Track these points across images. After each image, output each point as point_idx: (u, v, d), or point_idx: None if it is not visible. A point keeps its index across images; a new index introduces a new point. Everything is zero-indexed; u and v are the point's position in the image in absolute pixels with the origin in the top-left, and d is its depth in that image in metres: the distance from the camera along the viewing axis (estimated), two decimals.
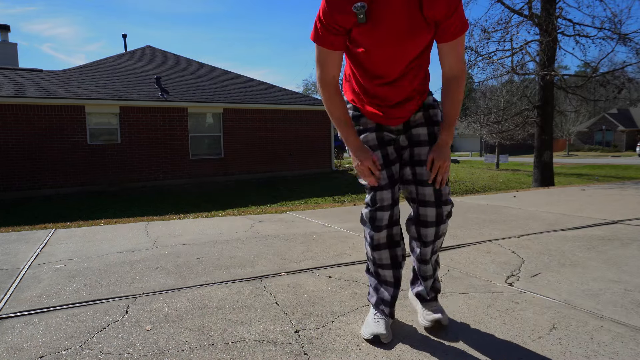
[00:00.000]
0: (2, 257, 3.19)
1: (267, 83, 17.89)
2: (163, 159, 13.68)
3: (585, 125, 46.45)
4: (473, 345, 1.75)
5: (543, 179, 12.11)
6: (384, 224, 1.80)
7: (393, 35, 1.59)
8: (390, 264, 1.86)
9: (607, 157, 35.97)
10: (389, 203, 1.77)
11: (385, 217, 1.79)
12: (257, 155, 15.35)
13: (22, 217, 9.13)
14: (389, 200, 1.77)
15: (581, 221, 4.26)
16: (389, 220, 1.81)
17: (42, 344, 1.81)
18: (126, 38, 20.61)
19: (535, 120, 12.35)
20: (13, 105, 11.52)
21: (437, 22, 1.61)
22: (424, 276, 1.91)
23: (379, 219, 1.78)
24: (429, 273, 1.91)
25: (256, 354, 1.71)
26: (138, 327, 1.96)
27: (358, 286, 2.46)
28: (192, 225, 4.46)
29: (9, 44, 16.66)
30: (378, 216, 1.78)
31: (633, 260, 2.89)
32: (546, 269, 2.74)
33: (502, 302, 2.19)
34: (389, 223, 1.83)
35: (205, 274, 2.74)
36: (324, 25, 1.61)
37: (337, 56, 1.69)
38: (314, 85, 54.05)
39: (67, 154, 12.25)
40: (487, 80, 13.52)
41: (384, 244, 1.84)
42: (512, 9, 11.70)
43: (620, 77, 11.69)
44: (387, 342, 1.77)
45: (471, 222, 4.30)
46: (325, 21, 1.60)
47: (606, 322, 1.95)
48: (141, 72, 15.23)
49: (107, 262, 3.03)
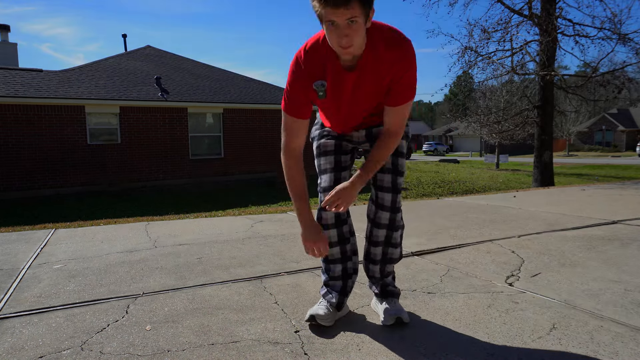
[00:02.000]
0: (2, 257, 3.19)
1: (267, 83, 17.89)
2: (163, 159, 13.68)
3: (585, 125, 46.44)
4: (473, 345, 1.75)
5: (543, 179, 12.11)
6: (329, 223, 1.97)
7: (351, 104, 1.78)
8: (340, 258, 2.00)
9: (607, 157, 35.97)
10: (332, 222, 1.95)
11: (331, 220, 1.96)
12: (257, 155, 15.35)
13: (22, 217, 9.13)
14: (332, 219, 1.94)
15: (581, 221, 4.26)
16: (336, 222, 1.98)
17: (42, 344, 1.81)
18: (126, 38, 20.61)
19: (535, 120, 12.35)
20: (13, 105, 11.52)
21: (389, 89, 1.71)
22: (373, 276, 2.04)
23: (324, 225, 1.95)
24: (377, 275, 2.03)
25: (256, 354, 1.71)
26: (138, 327, 1.96)
27: (358, 286, 2.46)
28: (192, 225, 4.46)
29: (9, 44, 16.65)
30: (323, 223, 1.95)
31: (633, 260, 2.89)
32: (546, 269, 2.74)
33: (502, 302, 2.19)
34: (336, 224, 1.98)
35: (205, 274, 2.74)
36: (291, 98, 1.75)
37: (303, 125, 1.80)
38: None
39: (67, 154, 12.25)
40: (487, 80, 13.52)
41: (334, 242, 1.98)
42: (512, 9, 11.70)
43: (620, 77, 11.68)
44: (324, 324, 1.90)
45: (471, 222, 4.30)
46: (292, 95, 1.74)
47: (606, 322, 1.95)
48: (141, 72, 15.22)
49: (107, 262, 3.03)
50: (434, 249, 3.26)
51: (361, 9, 1.45)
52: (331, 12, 1.44)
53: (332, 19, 1.46)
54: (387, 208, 1.89)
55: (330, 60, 1.66)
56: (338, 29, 1.48)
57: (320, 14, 1.49)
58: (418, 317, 2.03)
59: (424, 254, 3.15)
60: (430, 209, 5.24)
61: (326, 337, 1.84)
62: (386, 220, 1.90)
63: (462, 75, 20.90)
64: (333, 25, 1.48)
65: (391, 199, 1.88)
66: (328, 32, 1.51)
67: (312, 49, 1.67)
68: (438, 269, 2.77)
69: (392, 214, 1.89)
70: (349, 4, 1.42)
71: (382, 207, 1.89)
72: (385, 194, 1.88)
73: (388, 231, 1.93)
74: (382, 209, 1.89)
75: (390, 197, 1.88)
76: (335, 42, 1.51)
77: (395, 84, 1.68)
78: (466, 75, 19.44)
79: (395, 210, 1.89)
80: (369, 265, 2.02)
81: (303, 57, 1.68)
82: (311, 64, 1.68)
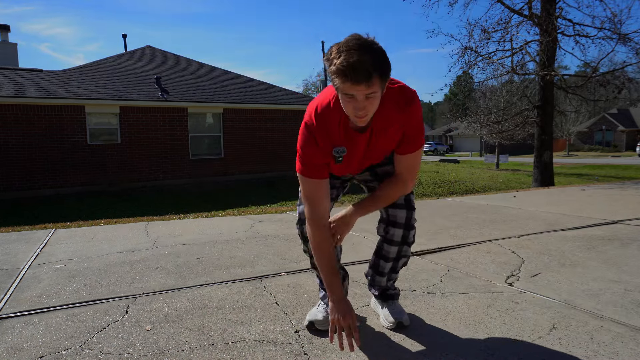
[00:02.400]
0: (2, 257, 3.19)
1: (267, 83, 17.89)
2: (163, 159, 13.67)
3: (585, 125, 46.44)
4: (473, 345, 1.75)
5: (543, 179, 12.10)
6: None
7: (361, 161, 1.77)
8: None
9: (607, 157, 35.97)
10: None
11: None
12: (257, 155, 15.34)
13: (22, 217, 9.13)
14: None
15: (581, 221, 4.26)
16: None
17: (42, 344, 1.81)
18: (126, 38, 20.62)
19: (535, 120, 12.35)
20: (13, 105, 11.51)
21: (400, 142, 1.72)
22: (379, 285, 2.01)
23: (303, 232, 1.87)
24: (382, 284, 1.99)
25: (256, 354, 1.71)
26: (138, 327, 1.96)
27: (358, 286, 2.46)
28: (192, 225, 4.46)
29: (9, 44, 16.64)
30: (302, 231, 1.87)
31: (633, 260, 2.89)
32: (546, 269, 2.74)
33: (502, 302, 2.19)
34: None
35: (205, 274, 2.74)
36: (307, 163, 1.70)
37: (326, 184, 1.72)
38: (314, 85, 53.98)
39: (67, 154, 12.24)
40: (487, 80, 13.52)
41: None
42: (512, 9, 11.70)
43: (620, 77, 11.67)
44: (321, 328, 1.87)
45: (471, 222, 4.30)
46: (307, 160, 1.69)
47: (606, 322, 1.95)
48: (141, 72, 15.22)
49: (107, 262, 3.03)
50: (434, 249, 3.26)
51: (380, 83, 1.45)
52: (350, 87, 1.43)
53: (351, 93, 1.45)
54: (401, 225, 1.83)
55: (341, 122, 1.65)
56: (355, 102, 1.47)
57: (337, 87, 1.48)
58: (418, 317, 2.03)
59: (424, 254, 3.15)
60: (430, 209, 5.24)
61: (326, 337, 1.84)
62: (399, 238, 1.85)
63: (462, 75, 20.88)
64: (351, 98, 1.47)
65: (405, 215, 1.83)
66: (344, 102, 1.50)
67: (323, 114, 1.65)
68: (438, 269, 2.77)
69: (405, 230, 1.84)
70: (370, 80, 1.41)
71: (394, 223, 1.84)
72: (398, 211, 1.83)
73: (400, 247, 1.88)
74: (395, 225, 1.84)
75: (404, 213, 1.83)
76: (352, 112, 1.51)
77: (406, 137, 1.69)
78: (466, 75, 19.43)
79: (409, 227, 1.84)
80: (375, 277, 1.99)
81: (315, 123, 1.65)
82: (323, 128, 1.65)
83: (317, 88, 50.68)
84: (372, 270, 2.00)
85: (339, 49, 1.42)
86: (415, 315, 2.06)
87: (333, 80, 1.47)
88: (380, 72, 1.41)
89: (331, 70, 1.44)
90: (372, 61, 1.39)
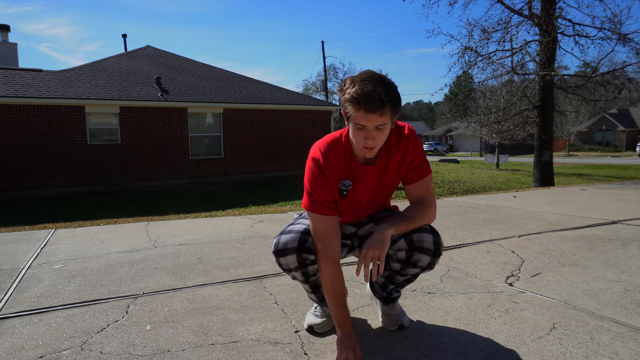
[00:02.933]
0: (2, 257, 3.19)
1: (267, 83, 17.89)
2: (163, 159, 13.67)
3: (585, 125, 46.43)
4: (473, 345, 1.75)
5: (543, 179, 12.10)
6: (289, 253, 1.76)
7: (366, 200, 1.78)
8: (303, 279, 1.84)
9: (607, 157, 35.97)
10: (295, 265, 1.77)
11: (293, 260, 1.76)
12: (257, 155, 15.35)
13: (22, 217, 9.13)
14: (295, 264, 1.75)
15: (581, 221, 4.26)
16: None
17: (42, 344, 1.81)
18: (126, 38, 20.62)
19: (535, 120, 12.35)
20: (13, 105, 11.52)
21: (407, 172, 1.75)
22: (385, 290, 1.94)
23: (284, 263, 1.77)
24: (388, 289, 1.93)
25: (256, 354, 1.71)
26: (138, 327, 1.96)
27: (358, 286, 2.46)
28: (192, 225, 4.46)
29: (9, 44, 16.64)
30: (282, 262, 1.77)
31: (633, 260, 2.89)
32: (546, 269, 2.74)
33: (502, 302, 2.19)
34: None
35: (205, 274, 2.74)
36: (316, 200, 1.67)
37: (336, 221, 1.70)
38: (313, 85, 53.92)
39: (67, 154, 12.24)
40: (487, 80, 13.50)
41: (293, 268, 1.78)
42: (512, 9, 11.69)
43: (620, 77, 11.66)
44: (320, 331, 1.88)
45: (471, 222, 4.30)
46: (316, 198, 1.67)
47: (606, 322, 1.95)
48: (141, 72, 15.23)
49: (107, 262, 3.03)
50: None
51: (391, 115, 1.50)
52: (363, 117, 1.47)
53: (362, 124, 1.49)
54: (429, 251, 1.74)
55: (348, 155, 1.67)
56: (366, 132, 1.51)
57: (350, 116, 1.51)
58: (418, 318, 2.03)
59: None
60: None
61: (326, 337, 1.84)
62: (424, 264, 1.77)
63: (462, 75, 20.89)
64: (362, 128, 1.50)
65: (433, 239, 1.74)
66: (354, 132, 1.53)
67: (331, 146, 1.67)
68: (438, 269, 2.76)
69: (433, 257, 1.75)
70: (382, 109, 1.45)
71: (421, 249, 1.73)
72: (425, 235, 1.74)
73: (422, 271, 1.81)
74: (422, 251, 1.74)
75: (431, 237, 1.74)
76: (362, 142, 1.53)
77: (413, 165, 1.72)
78: (466, 75, 19.43)
79: (437, 254, 1.76)
80: (388, 285, 1.90)
81: (322, 159, 1.66)
82: (330, 161, 1.66)
83: (317, 88, 50.65)
84: (387, 279, 1.91)
85: (353, 80, 1.49)
86: (415, 315, 2.06)
87: (346, 107, 1.51)
88: (392, 103, 1.47)
89: (345, 98, 1.49)
90: (385, 92, 1.45)
